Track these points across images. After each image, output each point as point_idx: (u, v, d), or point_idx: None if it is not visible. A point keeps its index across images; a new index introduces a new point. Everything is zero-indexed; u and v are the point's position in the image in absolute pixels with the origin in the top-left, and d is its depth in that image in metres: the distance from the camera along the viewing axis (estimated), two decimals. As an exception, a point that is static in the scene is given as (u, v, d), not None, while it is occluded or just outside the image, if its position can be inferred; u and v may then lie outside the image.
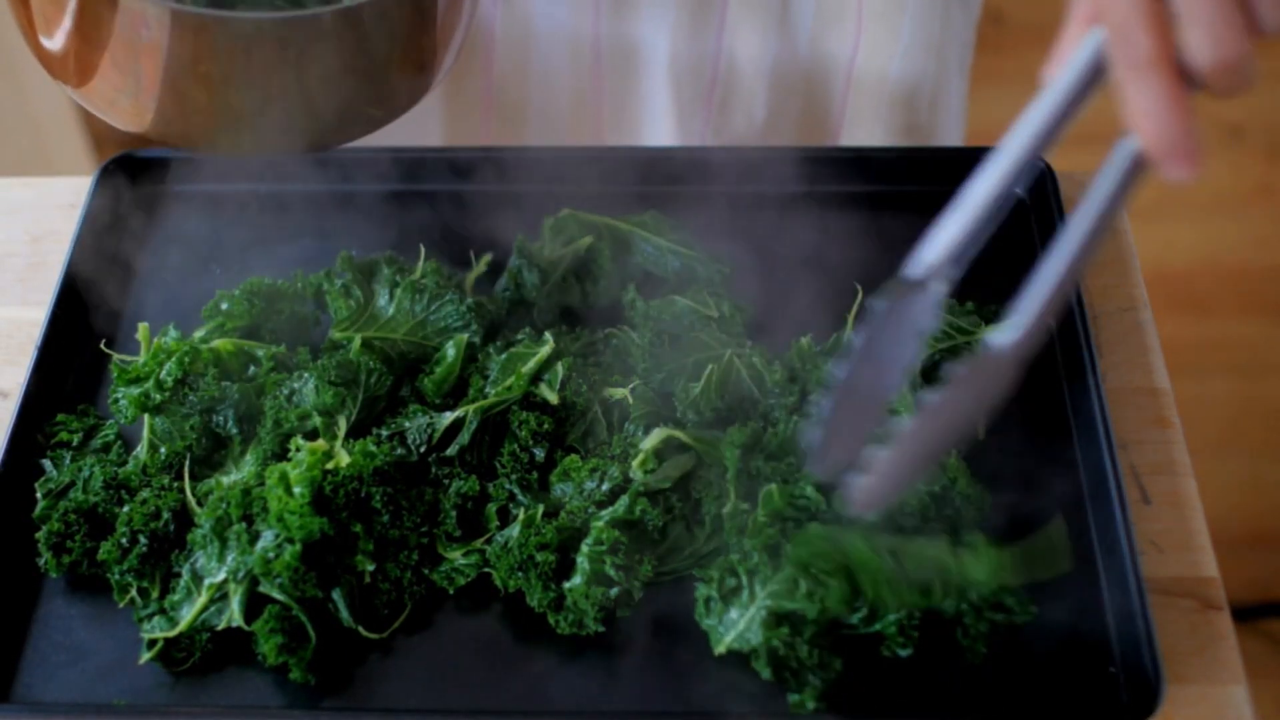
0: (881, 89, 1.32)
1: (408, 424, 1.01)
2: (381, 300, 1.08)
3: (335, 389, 1.00)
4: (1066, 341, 1.07)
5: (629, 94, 1.34)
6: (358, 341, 1.05)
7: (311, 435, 1.00)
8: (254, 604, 0.93)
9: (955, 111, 1.41)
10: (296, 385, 1.02)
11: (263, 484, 0.96)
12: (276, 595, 0.92)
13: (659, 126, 1.35)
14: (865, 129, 1.36)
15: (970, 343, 1.05)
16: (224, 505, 0.95)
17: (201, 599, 0.93)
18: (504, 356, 1.04)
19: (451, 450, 1.00)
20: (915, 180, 1.19)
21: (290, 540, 0.91)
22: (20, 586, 0.98)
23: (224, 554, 0.94)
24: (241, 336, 1.08)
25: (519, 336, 1.07)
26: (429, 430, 1.00)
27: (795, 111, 1.35)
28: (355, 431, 1.01)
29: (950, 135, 1.42)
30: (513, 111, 1.36)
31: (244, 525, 0.94)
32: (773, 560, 0.91)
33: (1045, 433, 1.03)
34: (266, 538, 0.92)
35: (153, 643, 0.93)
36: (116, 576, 0.96)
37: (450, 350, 1.05)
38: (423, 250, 1.12)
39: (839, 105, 1.35)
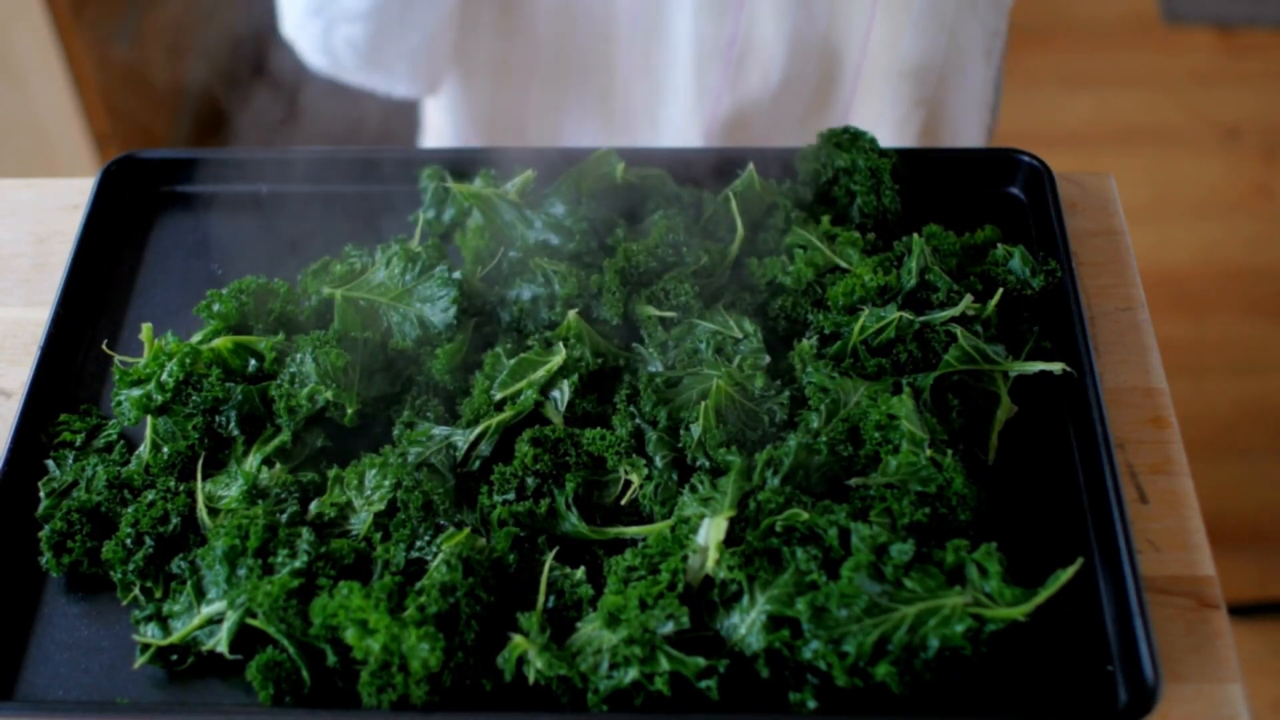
0: (893, 60, 1.36)
1: (426, 446, 1.01)
2: (379, 270, 1.09)
3: (335, 350, 1.01)
4: (1064, 341, 1.07)
5: (650, 42, 1.37)
6: (339, 295, 1.06)
7: (322, 411, 1.02)
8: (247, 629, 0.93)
9: (975, 95, 1.44)
10: (294, 369, 1.03)
11: (288, 522, 0.97)
12: (277, 636, 0.91)
13: (676, 78, 1.38)
14: (877, 96, 1.40)
15: (993, 372, 1.04)
16: (240, 535, 0.93)
17: (196, 620, 0.93)
18: (514, 361, 1.04)
19: (474, 465, 1.01)
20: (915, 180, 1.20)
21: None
22: (23, 585, 0.98)
23: (231, 580, 0.92)
24: (234, 334, 1.08)
25: (530, 342, 1.07)
26: (451, 450, 1.01)
27: (811, 75, 1.39)
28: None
29: (967, 116, 1.45)
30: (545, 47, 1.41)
31: (258, 561, 0.93)
32: (774, 565, 0.92)
33: (1043, 432, 1.04)
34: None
35: (147, 645, 0.93)
36: (119, 575, 0.96)
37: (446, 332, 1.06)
38: (420, 217, 1.12)
39: (853, 72, 1.38)
